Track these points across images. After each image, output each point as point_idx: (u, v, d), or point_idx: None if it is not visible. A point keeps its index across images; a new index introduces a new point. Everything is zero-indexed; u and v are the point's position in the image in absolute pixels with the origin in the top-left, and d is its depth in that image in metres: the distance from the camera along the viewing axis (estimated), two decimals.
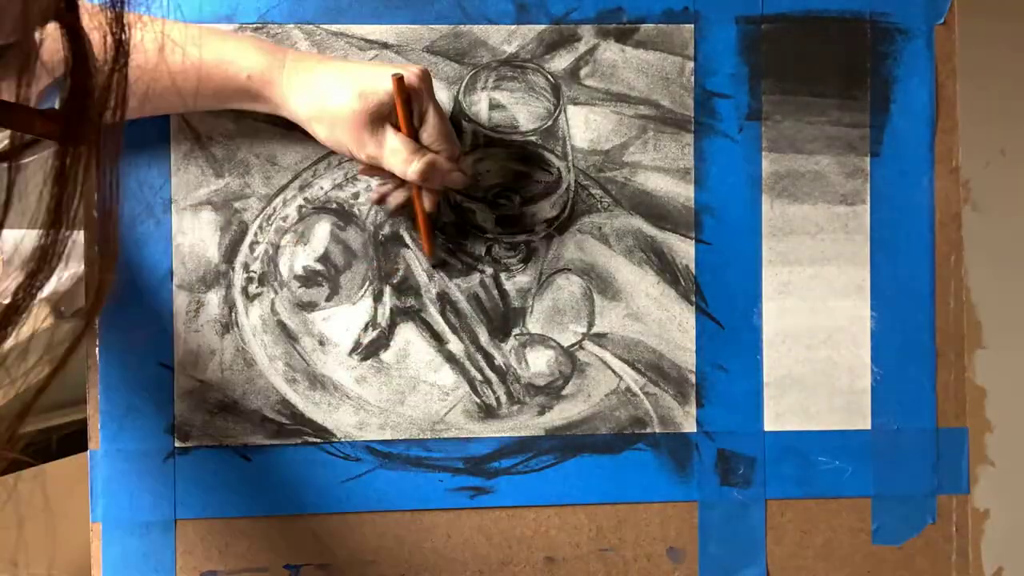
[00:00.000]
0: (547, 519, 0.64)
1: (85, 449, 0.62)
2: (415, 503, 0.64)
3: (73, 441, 0.68)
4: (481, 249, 0.64)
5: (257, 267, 0.63)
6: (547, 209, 0.64)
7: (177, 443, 0.62)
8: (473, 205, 0.64)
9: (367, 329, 0.64)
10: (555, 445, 0.64)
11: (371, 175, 0.62)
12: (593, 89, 0.64)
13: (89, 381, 0.62)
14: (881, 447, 0.65)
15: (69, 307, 0.65)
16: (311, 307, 0.64)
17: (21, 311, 0.27)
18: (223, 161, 0.63)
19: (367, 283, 0.64)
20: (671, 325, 0.65)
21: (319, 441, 0.63)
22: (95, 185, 0.28)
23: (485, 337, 0.64)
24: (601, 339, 0.65)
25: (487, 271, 0.64)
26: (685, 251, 0.65)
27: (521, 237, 0.64)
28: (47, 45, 0.27)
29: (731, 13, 0.65)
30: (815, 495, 0.65)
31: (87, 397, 0.61)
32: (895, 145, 0.66)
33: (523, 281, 0.64)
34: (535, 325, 0.64)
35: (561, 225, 0.65)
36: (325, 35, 0.63)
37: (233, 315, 0.63)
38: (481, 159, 0.64)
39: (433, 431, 0.64)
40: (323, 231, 0.64)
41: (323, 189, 0.64)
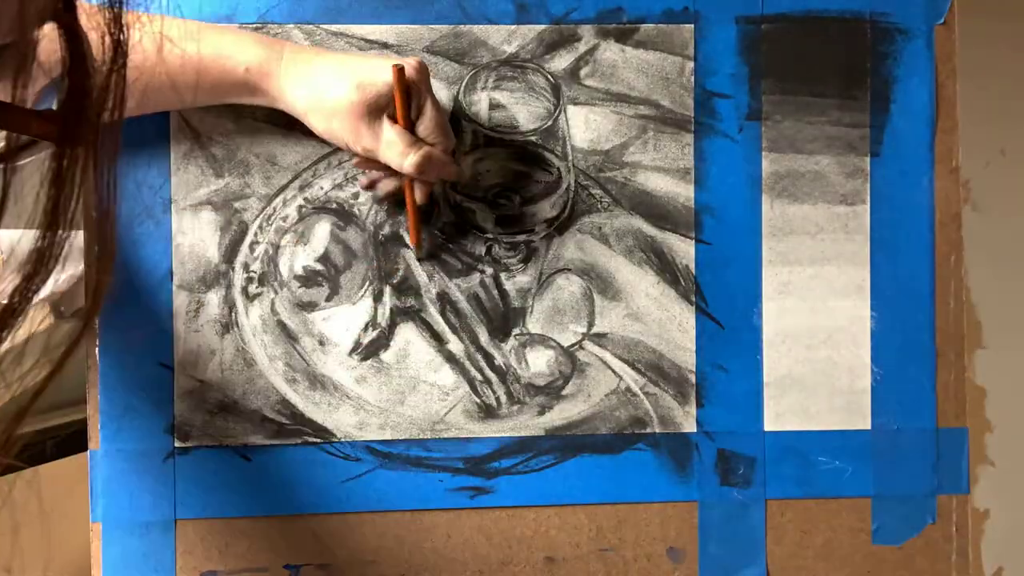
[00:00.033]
0: (547, 519, 0.64)
1: (85, 449, 0.62)
2: (415, 503, 0.64)
3: (73, 441, 0.68)
4: (481, 249, 0.64)
5: (257, 267, 0.63)
6: (547, 209, 0.64)
7: (177, 443, 0.62)
8: (473, 205, 0.64)
9: (367, 329, 0.64)
10: (555, 445, 0.64)
11: (367, 168, 0.62)
12: (593, 89, 0.64)
13: (89, 381, 0.62)
14: (881, 447, 0.65)
15: (69, 307, 0.65)
16: (311, 307, 0.64)
17: (17, 314, 0.27)
18: (223, 161, 0.63)
19: (367, 283, 0.64)
20: (671, 325, 0.65)
21: (319, 441, 0.63)
22: (93, 186, 0.28)
23: (485, 337, 0.64)
24: (601, 339, 0.65)
25: (487, 271, 0.64)
26: (685, 251, 0.65)
27: (521, 237, 0.64)
28: (44, 45, 0.27)
29: (731, 13, 0.65)
30: (815, 495, 0.65)
31: (87, 397, 0.61)
32: (895, 145, 0.66)
33: (523, 281, 0.64)
34: (535, 325, 0.64)
35: (561, 225, 0.64)
36: (325, 35, 0.63)
37: (233, 315, 0.63)
38: (481, 159, 0.64)
39: (433, 431, 0.64)
40: (323, 231, 0.64)
41: (323, 189, 0.63)
